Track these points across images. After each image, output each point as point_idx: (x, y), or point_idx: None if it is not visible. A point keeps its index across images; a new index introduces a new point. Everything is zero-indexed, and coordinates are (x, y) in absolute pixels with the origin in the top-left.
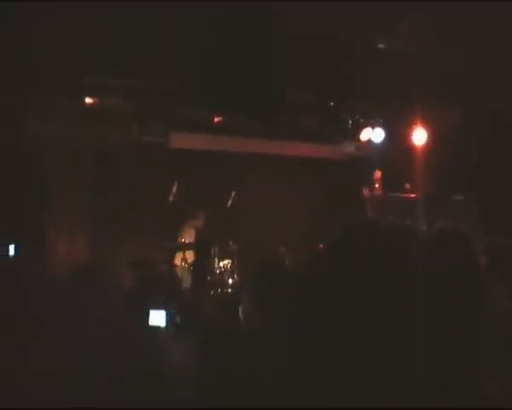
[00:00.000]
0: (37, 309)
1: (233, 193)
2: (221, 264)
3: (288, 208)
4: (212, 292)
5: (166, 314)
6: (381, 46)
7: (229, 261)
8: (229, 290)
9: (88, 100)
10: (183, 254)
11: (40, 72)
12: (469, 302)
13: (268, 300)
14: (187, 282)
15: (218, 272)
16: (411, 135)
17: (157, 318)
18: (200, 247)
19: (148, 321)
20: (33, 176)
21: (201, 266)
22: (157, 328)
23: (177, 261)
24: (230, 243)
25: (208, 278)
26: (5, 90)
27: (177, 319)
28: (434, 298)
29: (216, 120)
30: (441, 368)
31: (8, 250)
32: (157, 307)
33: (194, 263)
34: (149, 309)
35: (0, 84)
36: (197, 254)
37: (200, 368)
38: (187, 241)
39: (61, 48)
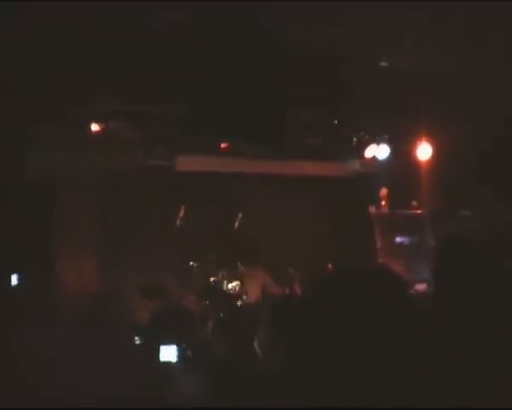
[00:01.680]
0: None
1: (240, 214)
2: (229, 286)
3: (295, 228)
4: (221, 315)
5: (177, 349)
6: (383, 64)
7: (238, 283)
8: (238, 313)
9: (94, 126)
10: (194, 280)
11: (45, 100)
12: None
13: (284, 337)
14: (197, 312)
15: (226, 294)
16: (416, 151)
17: (168, 353)
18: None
19: (158, 357)
20: (40, 204)
21: (212, 293)
22: (168, 363)
23: (187, 288)
24: (238, 264)
25: (217, 300)
26: (10, 118)
27: (189, 353)
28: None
29: (221, 143)
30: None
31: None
32: (168, 343)
33: (205, 290)
34: (159, 345)
35: (5, 112)
36: (207, 280)
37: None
38: (195, 265)
39: (66, 75)
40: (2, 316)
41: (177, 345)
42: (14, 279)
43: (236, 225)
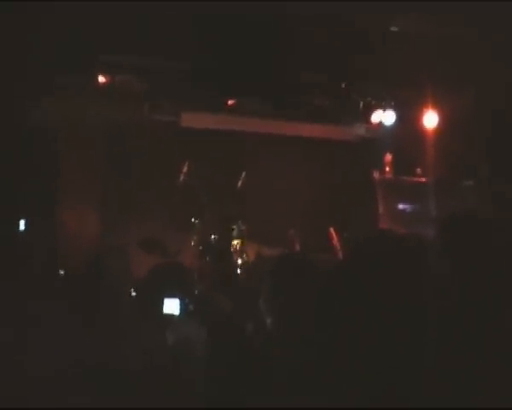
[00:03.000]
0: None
1: (243, 174)
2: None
3: (297, 190)
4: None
5: (180, 303)
6: (393, 29)
7: (239, 242)
8: (239, 271)
9: (100, 77)
10: (196, 236)
11: (52, 49)
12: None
13: (287, 295)
14: (200, 266)
15: (227, 251)
16: (422, 118)
17: (171, 306)
18: (215, 227)
19: (161, 309)
20: (44, 153)
21: (215, 249)
22: (171, 316)
23: (189, 243)
24: (240, 222)
25: (218, 257)
26: (17, 67)
27: (191, 307)
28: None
29: (228, 100)
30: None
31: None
32: (171, 296)
33: (207, 245)
34: (163, 297)
35: (12, 61)
36: (211, 236)
37: (209, 358)
38: (197, 221)
39: (73, 24)
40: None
41: (180, 299)
42: (22, 224)
43: (239, 183)
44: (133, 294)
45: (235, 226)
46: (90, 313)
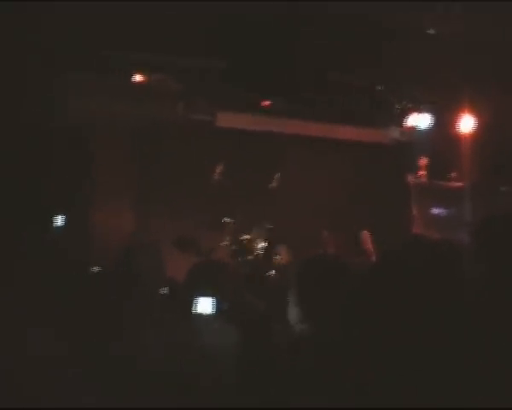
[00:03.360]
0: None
1: (278, 175)
2: (264, 245)
3: (331, 192)
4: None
5: (213, 302)
6: (431, 31)
7: (272, 243)
8: (272, 272)
9: (135, 77)
10: (229, 236)
11: (87, 48)
12: None
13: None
14: (233, 266)
15: (257, 253)
16: (459, 122)
17: (204, 305)
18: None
19: (195, 308)
20: (80, 151)
21: (243, 249)
22: (204, 315)
23: (223, 243)
24: (272, 225)
25: (249, 258)
26: (53, 66)
27: (225, 306)
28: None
29: (263, 101)
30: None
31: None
32: (205, 294)
33: (240, 245)
34: (197, 296)
35: (48, 60)
36: (244, 236)
37: (240, 359)
38: (231, 221)
39: (108, 24)
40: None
41: (214, 298)
42: (59, 220)
43: (274, 184)
44: (166, 292)
45: (268, 227)
46: (122, 310)
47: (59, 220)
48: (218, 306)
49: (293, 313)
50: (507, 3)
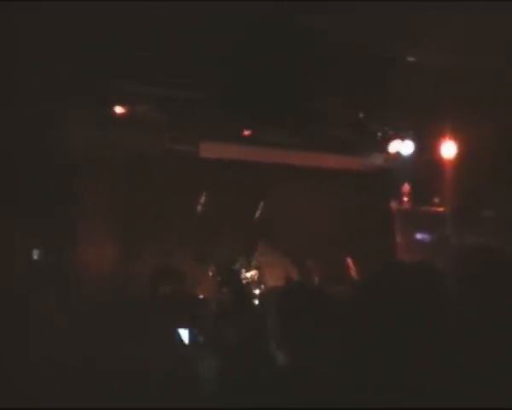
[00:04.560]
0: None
1: (261, 204)
2: (248, 275)
3: (315, 221)
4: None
5: (189, 333)
6: (412, 59)
7: (256, 272)
8: (256, 303)
9: (118, 108)
10: (213, 266)
11: (69, 78)
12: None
13: (292, 321)
14: (211, 298)
15: (244, 282)
16: (441, 148)
17: (182, 335)
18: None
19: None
20: (63, 183)
21: (230, 281)
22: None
23: (203, 275)
24: (258, 253)
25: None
26: (34, 96)
27: (200, 339)
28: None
29: (245, 130)
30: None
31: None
32: (180, 326)
33: (225, 276)
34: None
35: (29, 90)
36: (229, 266)
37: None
38: (214, 251)
39: (91, 53)
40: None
41: (190, 329)
42: (35, 255)
43: (257, 214)
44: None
45: (253, 257)
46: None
47: (41, 252)
48: (194, 338)
49: (272, 342)
50: (486, 31)
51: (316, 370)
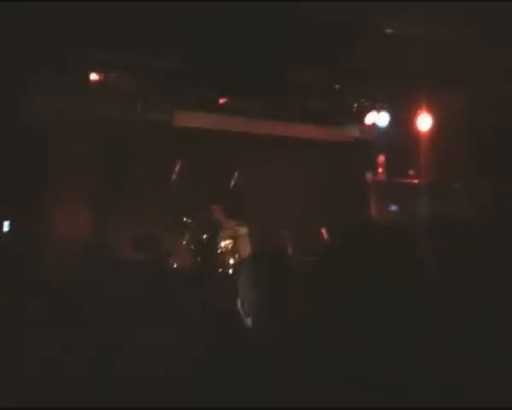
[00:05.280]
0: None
1: (236, 173)
2: (222, 244)
3: (290, 191)
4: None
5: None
6: (388, 30)
7: (231, 241)
8: (230, 271)
9: (92, 76)
10: (188, 235)
11: (43, 47)
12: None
13: (260, 285)
14: (191, 264)
15: (219, 251)
16: (416, 120)
17: (158, 305)
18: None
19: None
20: (35, 152)
21: (203, 248)
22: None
23: (180, 242)
24: (232, 223)
25: (209, 257)
26: (7, 66)
27: (177, 307)
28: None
29: (221, 100)
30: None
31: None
32: (154, 293)
33: (199, 245)
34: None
35: (3, 58)
36: (203, 235)
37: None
38: (190, 221)
39: (63, 22)
40: None
41: (165, 298)
42: (6, 225)
43: (232, 183)
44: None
45: (227, 227)
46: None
47: (11, 223)
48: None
49: (242, 309)
50: (464, 3)
51: (284, 336)
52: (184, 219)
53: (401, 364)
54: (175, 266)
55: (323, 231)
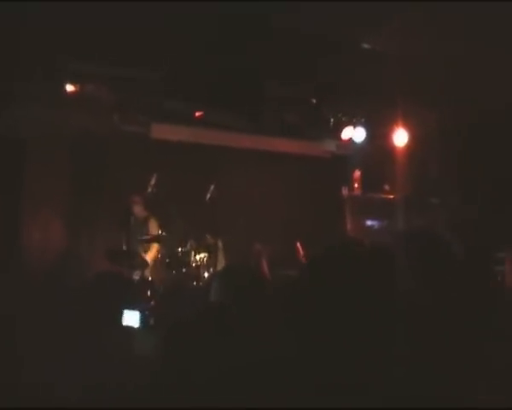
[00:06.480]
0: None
1: (212, 186)
2: (197, 257)
3: (266, 205)
4: (186, 286)
5: (140, 315)
6: (365, 46)
7: (206, 255)
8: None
9: (69, 87)
10: (163, 248)
11: (18, 57)
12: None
13: (231, 299)
14: (162, 279)
15: (194, 265)
16: (392, 136)
17: (131, 318)
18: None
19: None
20: (10, 162)
21: (178, 261)
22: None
23: (153, 256)
24: (208, 236)
25: (184, 270)
26: None
27: (151, 320)
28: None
29: (198, 113)
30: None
31: None
32: (131, 307)
33: (171, 258)
34: (123, 309)
35: None
36: (178, 249)
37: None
38: (164, 234)
39: (39, 32)
40: None
41: (140, 311)
42: None
43: (208, 196)
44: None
45: (203, 239)
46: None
47: None
48: (144, 320)
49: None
50: (438, 20)
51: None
52: (159, 231)
53: (377, 373)
54: (149, 278)
55: (299, 245)
